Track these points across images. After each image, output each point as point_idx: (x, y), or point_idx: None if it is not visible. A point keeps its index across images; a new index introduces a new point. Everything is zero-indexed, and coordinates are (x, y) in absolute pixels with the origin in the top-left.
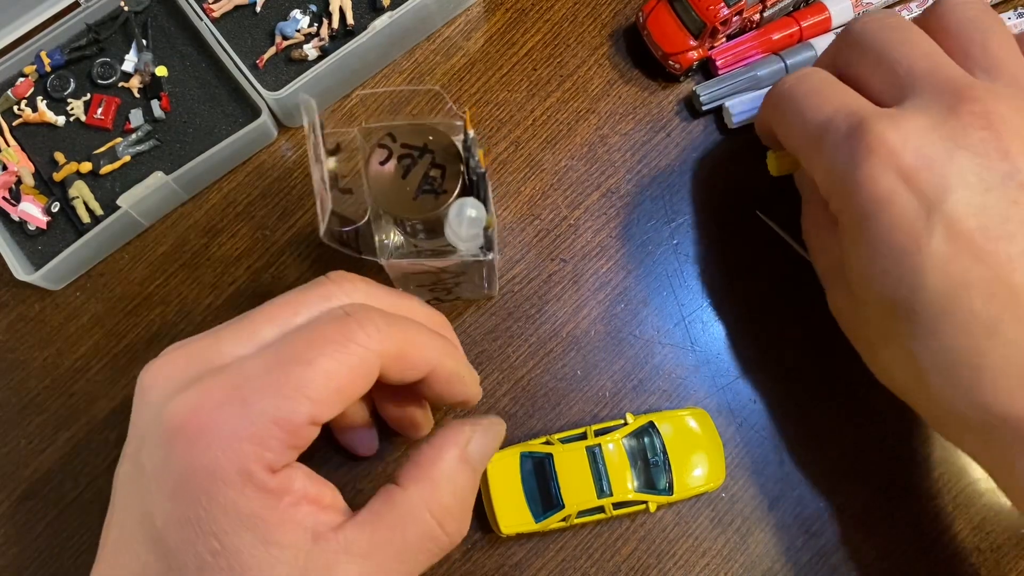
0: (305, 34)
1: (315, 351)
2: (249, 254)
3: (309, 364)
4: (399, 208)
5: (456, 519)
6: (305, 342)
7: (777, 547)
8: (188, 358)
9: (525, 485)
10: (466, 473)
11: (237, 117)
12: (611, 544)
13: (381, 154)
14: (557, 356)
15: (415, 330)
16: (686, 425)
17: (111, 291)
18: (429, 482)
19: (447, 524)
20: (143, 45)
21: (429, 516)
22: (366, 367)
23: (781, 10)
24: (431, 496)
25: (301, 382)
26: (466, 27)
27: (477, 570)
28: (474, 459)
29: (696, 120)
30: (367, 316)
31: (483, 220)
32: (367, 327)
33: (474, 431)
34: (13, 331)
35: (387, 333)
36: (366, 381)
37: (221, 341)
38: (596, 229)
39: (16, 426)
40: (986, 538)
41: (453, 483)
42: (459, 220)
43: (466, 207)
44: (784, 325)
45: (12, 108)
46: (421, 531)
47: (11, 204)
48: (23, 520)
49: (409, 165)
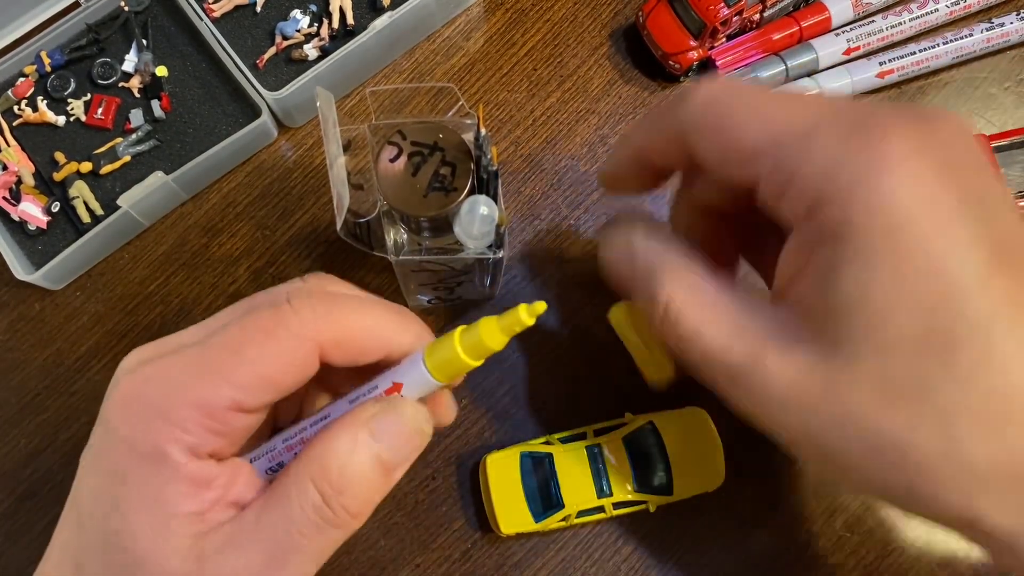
0: (305, 34)
1: (244, 338)
2: (249, 254)
3: (236, 351)
4: (409, 206)
5: (344, 495)
6: (238, 329)
7: (777, 547)
8: (156, 346)
9: (525, 485)
10: (361, 451)
11: (237, 117)
12: (611, 544)
13: (391, 151)
14: (557, 355)
15: (363, 312)
16: (686, 425)
17: (111, 291)
18: (316, 454)
19: (330, 497)
20: (143, 45)
21: (310, 485)
22: (297, 355)
23: (781, 10)
24: (314, 466)
25: (225, 368)
26: (466, 27)
27: (477, 570)
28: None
29: None
30: (304, 302)
31: (495, 218)
32: (302, 312)
33: (378, 409)
34: (13, 331)
35: (325, 318)
36: (299, 368)
37: (183, 333)
38: (596, 229)
39: (16, 426)
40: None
41: (342, 457)
42: (471, 218)
43: (479, 204)
44: None
45: (12, 108)
46: (303, 502)
47: (11, 204)
48: (23, 519)
49: (419, 163)
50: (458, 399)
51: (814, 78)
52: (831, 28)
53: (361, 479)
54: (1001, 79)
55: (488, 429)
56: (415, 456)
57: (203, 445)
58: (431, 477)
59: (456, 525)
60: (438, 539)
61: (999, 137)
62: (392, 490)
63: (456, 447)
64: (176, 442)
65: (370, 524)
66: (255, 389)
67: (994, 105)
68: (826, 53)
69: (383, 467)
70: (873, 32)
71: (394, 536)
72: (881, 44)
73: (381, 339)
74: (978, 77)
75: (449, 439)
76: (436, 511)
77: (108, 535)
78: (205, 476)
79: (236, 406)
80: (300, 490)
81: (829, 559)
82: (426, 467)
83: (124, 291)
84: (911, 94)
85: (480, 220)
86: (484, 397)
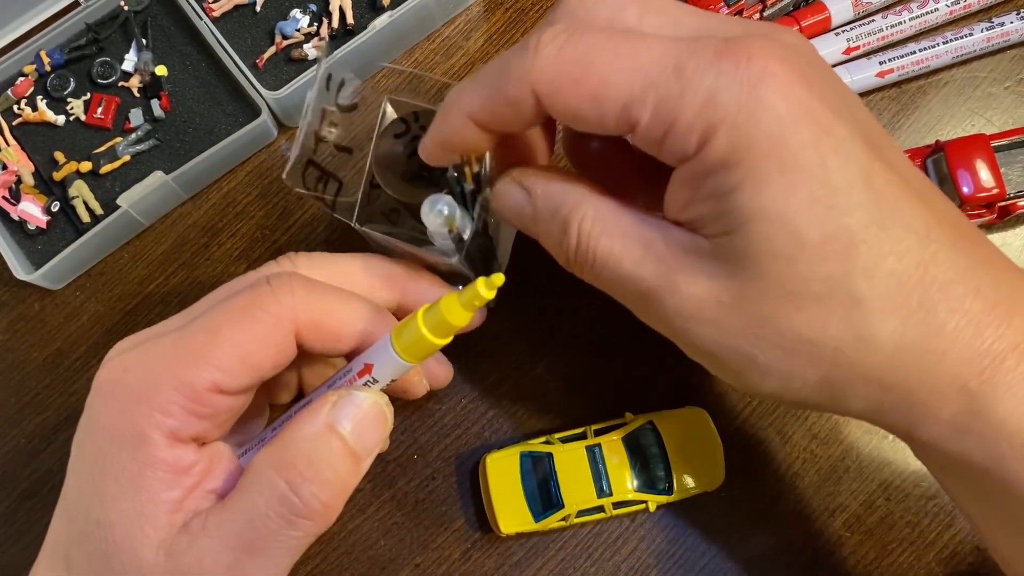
0: (305, 33)
1: (223, 319)
2: (249, 254)
3: (215, 332)
4: (388, 183)
5: (311, 482)
6: (218, 311)
7: (777, 547)
8: (139, 335)
9: (525, 485)
10: (325, 437)
11: (237, 117)
12: (611, 544)
13: (398, 127)
14: (557, 355)
15: (341, 299)
16: (686, 424)
17: (111, 290)
18: (280, 443)
19: (297, 485)
20: (143, 44)
21: (275, 476)
22: (275, 335)
23: (781, 10)
24: (279, 456)
25: (204, 349)
26: (466, 27)
27: (477, 570)
28: (338, 423)
29: None
30: (283, 283)
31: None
32: (279, 293)
33: (339, 396)
34: (13, 330)
35: (304, 300)
36: (278, 350)
37: (167, 322)
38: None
39: (16, 425)
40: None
41: (307, 444)
42: (429, 215)
43: (440, 203)
44: None
45: (12, 107)
46: (270, 493)
47: (11, 203)
48: (23, 519)
49: (417, 149)
50: (458, 399)
51: None
52: (831, 27)
53: (329, 466)
54: (1001, 79)
55: (488, 429)
56: (381, 442)
57: (184, 428)
58: (431, 477)
59: (456, 525)
60: (438, 539)
61: (999, 137)
62: (392, 490)
63: (456, 447)
64: (157, 427)
65: (370, 524)
66: (235, 370)
67: (994, 105)
68: (826, 52)
69: (352, 455)
70: (873, 31)
71: (394, 536)
72: (881, 43)
73: (355, 325)
74: (978, 76)
75: (449, 439)
76: (436, 511)
77: (90, 525)
78: (184, 463)
79: (216, 387)
80: (264, 480)
81: (829, 559)
82: (426, 467)
83: (124, 291)
84: (911, 93)
85: (435, 218)
86: (484, 397)
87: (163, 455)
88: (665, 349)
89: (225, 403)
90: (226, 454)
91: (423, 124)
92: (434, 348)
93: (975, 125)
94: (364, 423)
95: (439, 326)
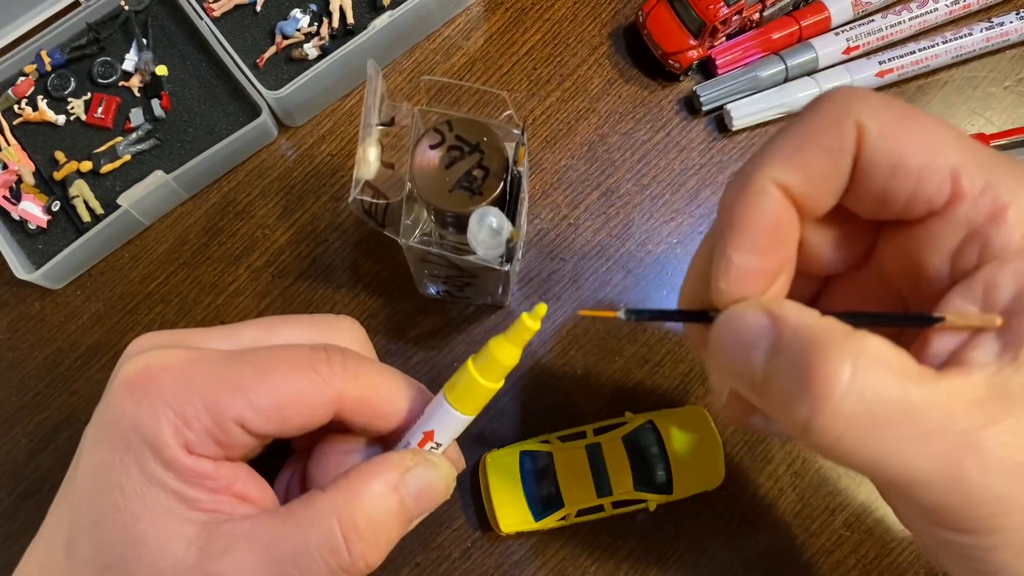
0: (305, 33)
1: (276, 363)
2: (249, 253)
3: (265, 372)
4: (432, 195)
5: (365, 543)
6: (270, 353)
7: (777, 546)
8: (171, 335)
9: (525, 484)
10: (392, 501)
11: (237, 116)
12: (611, 543)
13: (433, 138)
14: (557, 355)
15: (388, 378)
16: (686, 424)
17: (111, 290)
18: (348, 492)
19: (353, 542)
20: (143, 44)
21: (336, 525)
22: (317, 397)
23: (781, 9)
24: (345, 507)
25: (247, 383)
26: (466, 26)
27: (477, 569)
28: (407, 491)
29: (696, 119)
30: (339, 354)
31: (506, 232)
32: (334, 363)
33: (416, 463)
34: (13, 330)
35: (354, 375)
36: (314, 412)
37: (207, 334)
38: (596, 228)
39: (17, 424)
40: None
41: (373, 504)
42: (479, 227)
43: (488, 216)
44: None
45: (12, 107)
46: (323, 539)
47: (11, 203)
48: (24, 518)
49: (456, 157)
50: None
51: (814, 77)
52: (831, 27)
53: (385, 530)
54: (1000, 78)
55: (488, 428)
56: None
57: (199, 445)
58: None
59: (456, 524)
60: (438, 538)
61: (999, 136)
62: None
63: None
64: (176, 434)
65: None
66: (266, 413)
67: (994, 104)
68: (826, 52)
69: (407, 518)
70: (873, 31)
71: None
72: (881, 43)
73: (400, 408)
74: (977, 76)
75: None
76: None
77: (104, 511)
78: (204, 470)
79: (241, 422)
80: (324, 524)
81: (829, 558)
82: None
83: (124, 290)
84: (911, 93)
85: (487, 231)
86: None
87: (183, 460)
88: (665, 349)
89: (242, 440)
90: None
91: (458, 133)
92: (489, 394)
93: (975, 125)
94: (430, 494)
95: (491, 369)
